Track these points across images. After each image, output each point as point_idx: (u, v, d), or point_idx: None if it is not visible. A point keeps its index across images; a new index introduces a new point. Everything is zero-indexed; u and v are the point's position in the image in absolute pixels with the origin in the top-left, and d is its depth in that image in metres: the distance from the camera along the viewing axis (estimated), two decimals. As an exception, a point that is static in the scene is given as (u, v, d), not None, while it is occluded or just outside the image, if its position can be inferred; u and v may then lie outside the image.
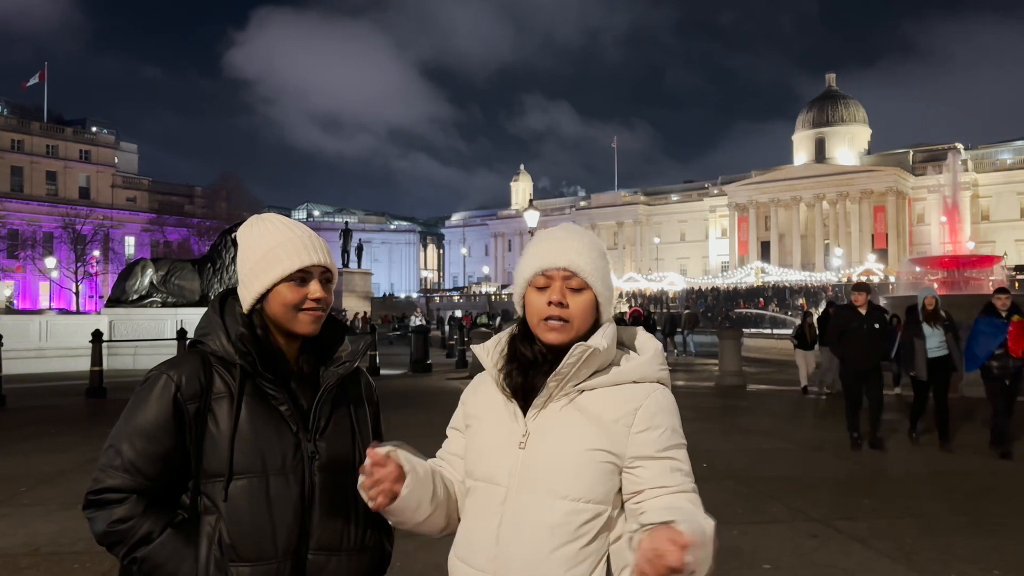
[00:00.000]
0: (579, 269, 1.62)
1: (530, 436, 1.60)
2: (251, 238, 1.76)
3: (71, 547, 5.15)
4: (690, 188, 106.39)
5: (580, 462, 1.56)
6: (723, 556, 4.92)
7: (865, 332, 9.02)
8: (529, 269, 1.65)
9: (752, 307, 59.05)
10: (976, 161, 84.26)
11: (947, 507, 6.37)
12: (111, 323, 21.48)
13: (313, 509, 1.68)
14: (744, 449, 9.11)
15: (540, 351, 1.65)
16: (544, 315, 1.61)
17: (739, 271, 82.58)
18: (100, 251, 69.77)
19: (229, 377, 1.67)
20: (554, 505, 1.55)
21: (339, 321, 1.86)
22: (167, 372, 1.66)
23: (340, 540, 1.70)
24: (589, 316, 1.64)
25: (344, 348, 1.81)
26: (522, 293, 1.68)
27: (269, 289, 1.71)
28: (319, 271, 1.74)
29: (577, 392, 1.61)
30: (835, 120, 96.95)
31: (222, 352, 1.68)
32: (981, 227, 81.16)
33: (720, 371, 17.06)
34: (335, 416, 1.76)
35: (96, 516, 1.60)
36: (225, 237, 24.10)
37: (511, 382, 1.66)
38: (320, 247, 1.76)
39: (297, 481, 1.67)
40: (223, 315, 1.74)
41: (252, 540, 1.61)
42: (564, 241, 1.66)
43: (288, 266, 1.70)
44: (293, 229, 1.76)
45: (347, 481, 1.71)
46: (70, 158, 75.54)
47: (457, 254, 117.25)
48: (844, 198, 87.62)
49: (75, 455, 8.44)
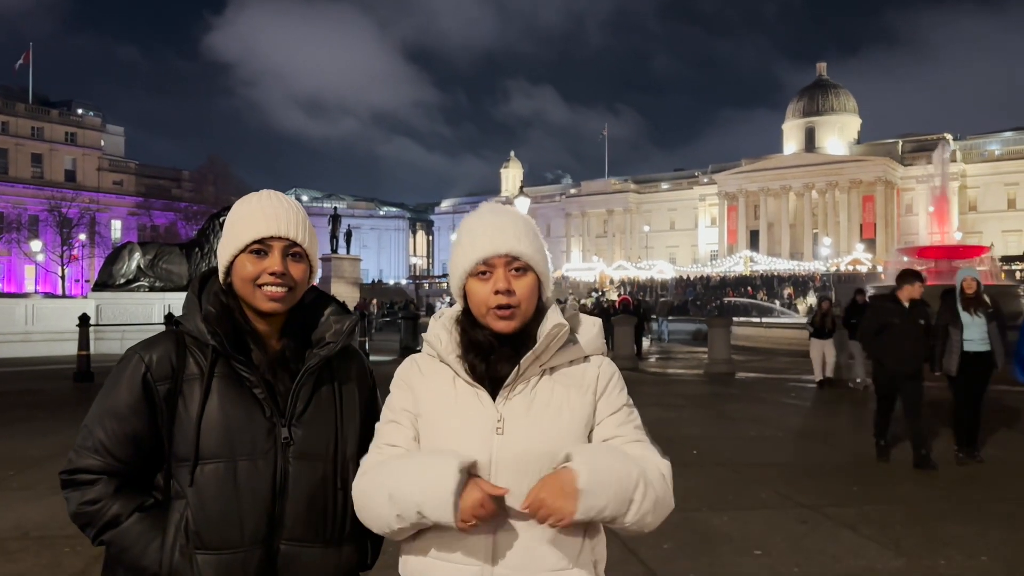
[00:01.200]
0: (520, 253, 1.60)
1: (505, 420, 1.57)
2: (231, 211, 1.71)
3: (62, 531, 5.11)
4: (680, 176, 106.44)
5: (561, 440, 1.56)
6: (713, 541, 4.95)
7: (908, 330, 7.63)
8: (468, 260, 1.61)
9: (741, 296, 59.24)
10: (964, 152, 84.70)
11: (933, 494, 6.42)
12: (98, 307, 21.34)
13: (285, 498, 1.60)
14: (733, 436, 9.16)
15: (492, 336, 1.62)
16: (492, 304, 1.58)
17: (728, 260, 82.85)
18: (86, 235, 69.27)
19: (202, 358, 1.61)
20: None
21: (329, 299, 1.79)
22: (139, 352, 1.63)
23: (315, 531, 1.63)
24: (534, 297, 1.63)
25: (328, 328, 1.73)
26: (461, 285, 1.64)
27: (231, 262, 1.65)
28: (283, 244, 1.64)
29: (540, 373, 1.62)
30: (825, 109, 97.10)
31: (196, 332, 1.62)
32: (969, 217, 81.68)
33: (709, 359, 17.13)
34: (316, 400, 1.67)
35: (69, 496, 1.59)
36: (213, 221, 23.97)
37: (475, 370, 1.62)
38: (289, 220, 1.65)
39: (268, 468, 1.59)
40: (200, 295, 1.68)
41: (218, 527, 1.55)
42: (501, 227, 1.62)
43: (245, 237, 1.63)
44: (264, 201, 1.68)
45: (326, 470, 1.65)
46: (56, 140, 74.82)
47: (447, 240, 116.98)
48: (833, 187, 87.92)
49: (63, 439, 8.39)
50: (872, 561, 4.68)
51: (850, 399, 12.78)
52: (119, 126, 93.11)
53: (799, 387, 14.42)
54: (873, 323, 7.93)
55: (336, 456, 1.68)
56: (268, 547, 1.59)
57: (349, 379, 1.76)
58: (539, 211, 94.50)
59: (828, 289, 57.78)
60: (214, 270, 1.73)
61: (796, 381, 15.31)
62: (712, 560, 4.63)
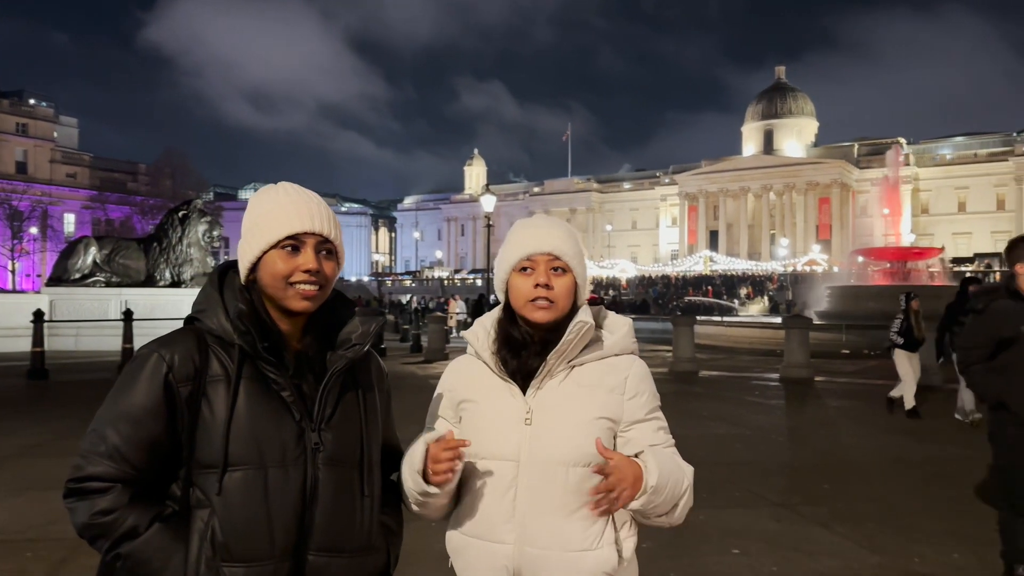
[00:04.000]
0: (563, 253, 1.75)
1: (534, 412, 1.71)
2: (251, 204, 1.63)
3: (22, 535, 4.94)
4: (642, 177, 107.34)
5: (587, 430, 1.68)
6: (691, 540, 4.93)
7: None
8: (515, 254, 1.76)
9: (701, 295, 59.93)
10: (917, 156, 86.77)
11: (902, 491, 6.52)
12: (52, 303, 20.78)
13: (315, 506, 1.54)
14: (702, 435, 9.22)
15: (527, 332, 1.76)
16: (531, 296, 1.73)
17: (688, 259, 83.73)
18: (38, 228, 67.43)
19: (227, 358, 1.53)
20: (568, 472, 1.67)
21: (349, 300, 1.72)
22: (158, 351, 1.52)
23: (344, 540, 1.57)
24: (570, 296, 1.76)
25: (354, 329, 1.65)
26: (505, 278, 1.79)
27: (259, 258, 1.57)
28: (315, 240, 1.58)
29: (570, 368, 1.74)
30: (784, 112, 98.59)
31: (220, 331, 1.54)
32: (921, 220, 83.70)
33: (674, 357, 17.26)
34: (342, 404, 1.61)
35: (77, 506, 1.46)
36: (172, 215, 23.48)
37: (507, 364, 1.76)
38: (320, 215, 1.59)
39: (298, 475, 1.53)
40: (222, 290, 1.59)
41: (247, 538, 1.47)
42: (548, 228, 1.78)
43: (278, 231, 1.55)
44: (292, 195, 1.61)
45: (353, 476, 1.60)
46: (6, 131, 72.65)
47: (409, 238, 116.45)
48: (791, 189, 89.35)
49: (19, 439, 8.13)
50: (848, 559, 4.73)
51: (815, 397, 12.97)
52: (72, 117, 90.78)
53: (763, 385, 14.59)
54: (985, 334, 4.21)
55: (362, 461, 1.62)
56: (297, 558, 1.53)
57: (370, 382, 1.71)
58: (503, 209, 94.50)
59: (785, 289, 58.83)
60: (232, 263, 1.65)
61: (759, 379, 15.50)
62: (692, 560, 4.64)
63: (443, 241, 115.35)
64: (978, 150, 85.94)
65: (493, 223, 31.78)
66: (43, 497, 5.73)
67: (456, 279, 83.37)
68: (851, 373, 17.01)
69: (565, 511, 1.67)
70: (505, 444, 1.70)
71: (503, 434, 1.71)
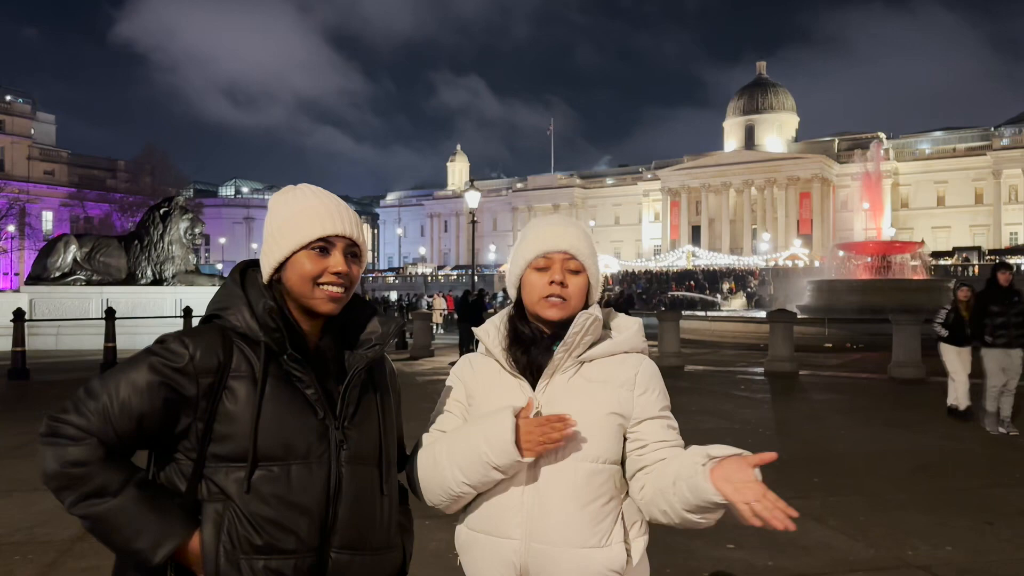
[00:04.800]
0: (578, 252, 1.76)
1: (543, 407, 1.70)
2: (277, 204, 1.63)
3: (9, 538, 4.86)
4: (624, 172, 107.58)
5: (596, 425, 1.69)
6: (685, 536, 4.92)
7: None
8: (531, 251, 1.77)
9: (684, 290, 60.20)
10: (897, 150, 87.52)
11: (891, 485, 6.56)
12: (31, 301, 20.53)
13: (339, 503, 1.54)
14: (690, 429, 9.18)
15: (538, 329, 1.77)
16: (545, 293, 1.74)
17: (671, 254, 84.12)
18: (15, 226, 66.57)
19: (252, 355, 1.52)
20: (576, 467, 1.67)
21: (366, 301, 1.74)
22: (183, 338, 1.51)
23: (366, 538, 1.58)
24: (583, 297, 1.78)
25: (374, 330, 1.67)
26: (520, 274, 1.80)
27: (288, 258, 1.57)
28: (344, 243, 1.60)
29: (579, 364, 1.74)
30: (765, 108, 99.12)
31: (244, 328, 1.53)
32: (901, 214, 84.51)
33: (660, 352, 17.31)
34: (363, 403, 1.63)
35: (47, 452, 1.40)
36: (154, 212, 23.25)
37: (518, 361, 1.76)
38: (349, 218, 1.62)
39: (323, 471, 1.53)
40: (245, 288, 1.58)
41: (270, 533, 1.47)
42: (564, 227, 1.79)
43: (309, 233, 1.56)
44: (321, 196, 1.63)
45: (374, 474, 1.60)
46: (-18, 128, 71.69)
47: (392, 234, 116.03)
48: (772, 184, 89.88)
49: (5, 440, 8.01)
50: (843, 553, 4.75)
51: (800, 391, 13.05)
52: (50, 114, 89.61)
53: (748, 379, 14.67)
54: None
55: (381, 460, 1.64)
56: (320, 555, 1.53)
57: (384, 382, 1.73)
58: (485, 205, 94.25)
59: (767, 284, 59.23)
60: (252, 262, 1.65)
61: (744, 373, 15.59)
62: (687, 555, 4.64)
63: (426, 237, 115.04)
64: (956, 144, 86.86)
65: (477, 219, 31.71)
66: (29, 499, 5.65)
67: (440, 275, 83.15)
68: (835, 367, 17.15)
69: (574, 507, 1.66)
70: None
71: None
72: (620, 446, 1.74)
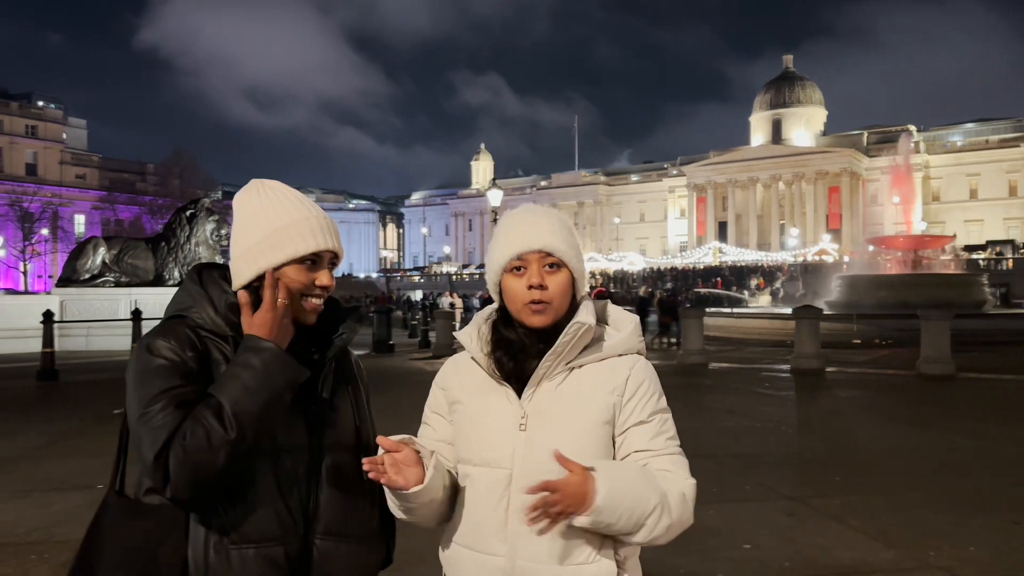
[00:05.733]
0: (554, 249, 1.63)
1: (529, 417, 1.61)
2: (259, 210, 1.59)
3: (27, 537, 4.92)
4: (649, 168, 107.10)
5: (583, 438, 1.59)
6: (701, 535, 4.85)
7: None
8: (504, 255, 1.65)
9: (710, 287, 59.70)
10: (928, 143, 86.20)
11: (911, 483, 6.42)
12: (62, 303, 20.87)
13: (319, 490, 1.57)
14: (712, 428, 9.15)
15: (524, 334, 1.65)
16: (526, 299, 1.62)
17: (697, 251, 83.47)
18: (48, 230, 67.78)
19: (225, 348, 1.54)
20: None
21: (331, 296, 1.73)
22: (158, 338, 1.49)
23: (349, 525, 1.60)
24: (567, 294, 1.65)
25: (339, 319, 1.70)
26: (497, 280, 1.68)
27: (277, 269, 1.56)
28: (329, 256, 1.62)
29: (568, 370, 1.64)
30: (792, 101, 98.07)
31: (210, 324, 1.55)
32: (932, 208, 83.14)
33: (683, 349, 17.17)
34: (337, 392, 1.65)
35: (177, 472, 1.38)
36: (180, 215, 23.54)
37: (503, 367, 1.66)
38: (332, 230, 1.63)
39: (303, 459, 1.56)
40: (205, 287, 1.59)
41: (257, 521, 1.49)
42: (535, 224, 1.66)
43: (302, 247, 1.56)
44: (308, 207, 1.62)
45: (353, 461, 1.60)
46: (15, 133, 72.96)
47: (417, 233, 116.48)
48: (800, 179, 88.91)
49: (28, 440, 8.13)
50: (863, 553, 4.65)
51: (825, 388, 12.86)
52: (81, 119, 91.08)
53: (773, 377, 14.49)
54: None
55: (358, 448, 1.65)
56: (304, 542, 1.55)
57: (352, 372, 1.75)
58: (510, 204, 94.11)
59: (795, 279, 58.54)
60: (206, 265, 1.67)
61: (769, 371, 15.40)
62: (702, 555, 4.57)
63: (451, 236, 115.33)
64: (989, 136, 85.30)
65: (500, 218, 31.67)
66: (48, 499, 5.72)
67: (464, 274, 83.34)
68: (862, 363, 16.91)
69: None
70: (498, 451, 1.62)
71: (496, 440, 1.63)
72: (609, 456, 1.64)
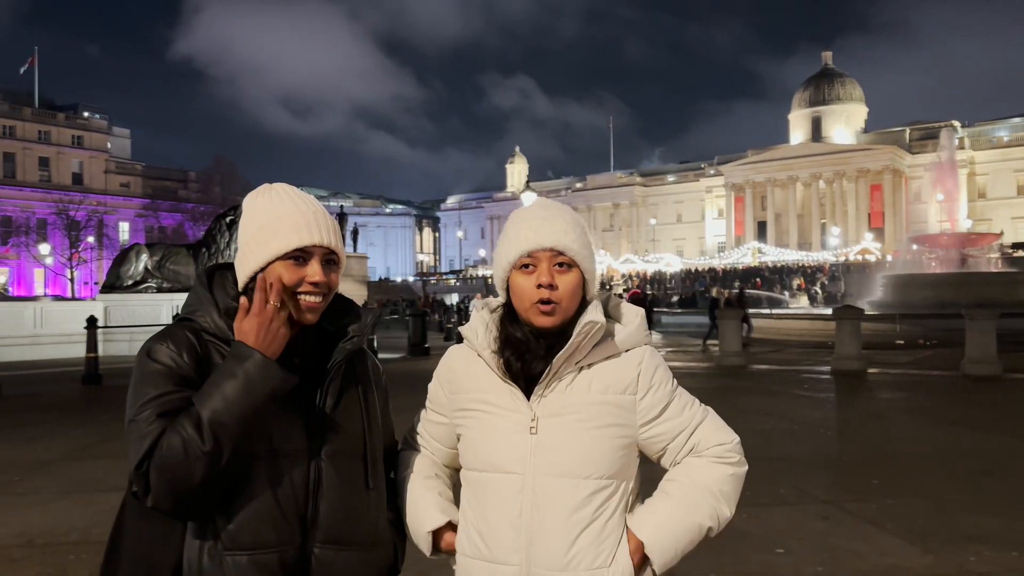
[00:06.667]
0: (566, 247, 1.59)
1: (540, 420, 1.57)
2: (254, 207, 1.59)
3: (66, 537, 5.03)
4: (686, 169, 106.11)
5: (597, 441, 1.56)
6: (733, 540, 4.78)
7: None
8: (514, 251, 1.60)
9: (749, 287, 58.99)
10: (973, 139, 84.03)
11: (954, 486, 6.27)
12: (106, 309, 21.33)
13: (320, 497, 1.52)
14: (747, 430, 8.93)
15: (531, 333, 1.62)
16: (534, 299, 1.58)
17: (736, 251, 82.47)
18: (94, 237, 69.39)
19: (227, 350, 1.51)
20: (576, 486, 1.55)
21: (344, 297, 1.70)
22: (159, 342, 1.50)
23: (351, 533, 1.55)
24: (577, 294, 1.61)
25: (351, 322, 1.65)
26: (505, 276, 1.64)
27: (264, 267, 1.54)
28: (322, 252, 1.56)
29: (577, 370, 1.60)
30: (831, 99, 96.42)
31: (214, 328, 1.53)
32: (978, 205, 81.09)
33: (721, 351, 16.98)
34: (344, 397, 1.59)
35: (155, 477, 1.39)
36: (220, 221, 23.94)
37: (511, 368, 1.61)
38: (326, 225, 1.58)
39: (302, 465, 1.51)
40: (212, 290, 1.59)
41: (251, 528, 1.45)
42: (548, 220, 1.61)
43: (285, 243, 1.53)
44: (297, 202, 1.58)
45: (358, 468, 1.57)
46: (62, 144, 74.89)
47: (453, 237, 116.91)
48: (841, 177, 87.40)
49: (70, 442, 8.32)
50: (899, 558, 4.54)
51: (866, 389, 12.61)
52: (125, 128, 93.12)
53: (813, 378, 14.25)
54: None
55: (366, 454, 1.60)
56: (302, 550, 1.51)
57: (368, 377, 1.69)
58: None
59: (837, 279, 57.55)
60: (219, 266, 1.66)
61: (810, 372, 15.15)
62: (734, 559, 4.50)
63: (486, 240, 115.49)
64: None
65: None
66: (88, 499, 5.84)
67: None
68: (905, 364, 16.55)
69: (575, 528, 1.54)
70: (508, 456, 1.58)
71: (506, 445, 1.59)
72: (625, 459, 1.61)
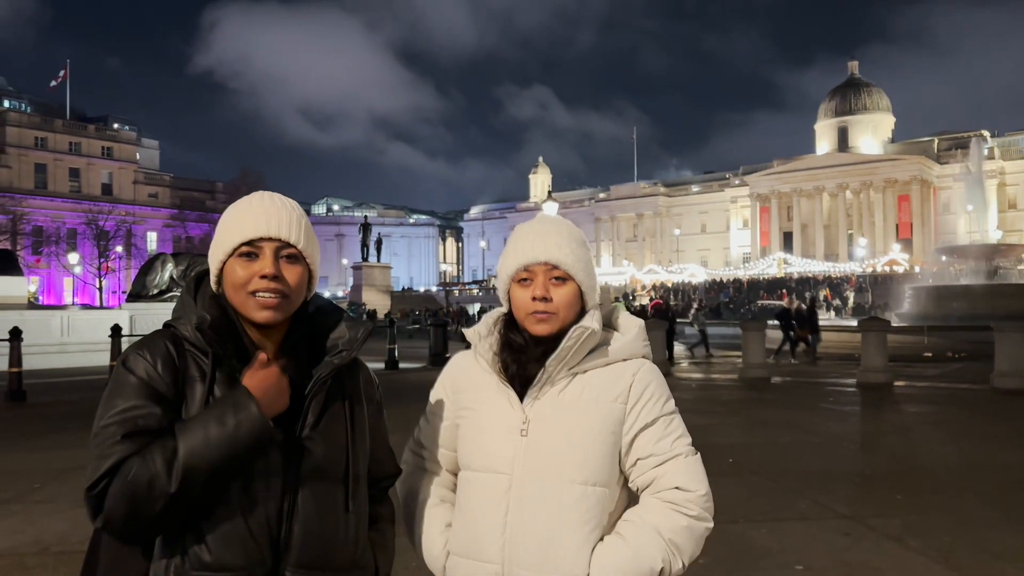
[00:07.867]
0: (560, 262, 1.64)
1: (531, 423, 1.61)
2: (224, 214, 1.57)
3: (81, 546, 5.00)
4: (710, 179, 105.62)
5: (586, 446, 1.58)
6: (750, 556, 4.69)
7: None
8: (511, 266, 1.68)
9: (775, 299, 58.44)
10: (1003, 148, 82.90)
11: (981, 502, 6.12)
12: (131, 318, 21.53)
13: (295, 519, 1.45)
14: (769, 443, 8.89)
15: (531, 338, 1.67)
16: (530, 309, 1.64)
17: (761, 262, 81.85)
18: (123, 247, 70.44)
19: (204, 361, 1.46)
20: (563, 490, 1.56)
21: (336, 307, 1.65)
22: (140, 352, 1.44)
23: (325, 557, 1.48)
24: (574, 306, 1.66)
25: (341, 335, 1.57)
26: (506, 289, 1.71)
27: (221, 269, 1.51)
28: (275, 245, 1.49)
29: (571, 376, 1.63)
30: (858, 108, 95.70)
31: (192, 338, 1.47)
32: (1008, 215, 79.91)
33: (744, 363, 16.76)
34: (328, 414, 1.52)
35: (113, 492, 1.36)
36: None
37: (507, 368, 1.66)
38: (281, 219, 1.50)
39: (276, 485, 1.44)
40: (196, 298, 1.54)
41: (219, 548, 1.39)
42: (544, 235, 1.67)
43: (233, 239, 1.48)
44: (255, 202, 1.53)
45: (337, 489, 1.50)
46: (93, 155, 76.26)
47: (476, 247, 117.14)
48: (868, 187, 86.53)
49: (85, 451, 8.37)
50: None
51: (892, 402, 12.40)
52: (154, 140, 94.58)
53: (838, 391, 14.04)
54: None
55: (347, 475, 1.52)
56: (273, 573, 1.44)
57: (358, 392, 1.61)
58: (568, 216, 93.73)
59: (864, 291, 56.88)
60: (207, 271, 1.59)
61: (834, 385, 14.94)
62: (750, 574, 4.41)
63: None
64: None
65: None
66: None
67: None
68: (932, 377, 16.28)
69: (559, 531, 1.55)
70: (498, 456, 1.61)
71: (496, 445, 1.62)
72: (613, 467, 1.61)
